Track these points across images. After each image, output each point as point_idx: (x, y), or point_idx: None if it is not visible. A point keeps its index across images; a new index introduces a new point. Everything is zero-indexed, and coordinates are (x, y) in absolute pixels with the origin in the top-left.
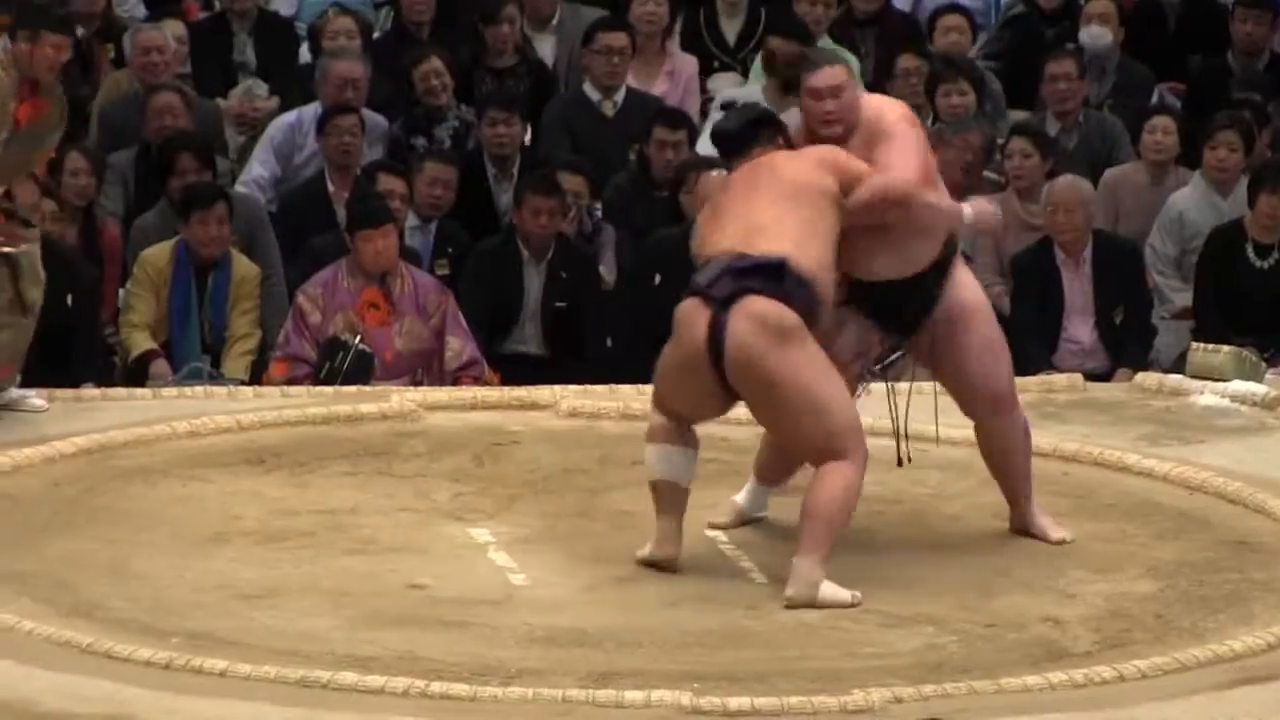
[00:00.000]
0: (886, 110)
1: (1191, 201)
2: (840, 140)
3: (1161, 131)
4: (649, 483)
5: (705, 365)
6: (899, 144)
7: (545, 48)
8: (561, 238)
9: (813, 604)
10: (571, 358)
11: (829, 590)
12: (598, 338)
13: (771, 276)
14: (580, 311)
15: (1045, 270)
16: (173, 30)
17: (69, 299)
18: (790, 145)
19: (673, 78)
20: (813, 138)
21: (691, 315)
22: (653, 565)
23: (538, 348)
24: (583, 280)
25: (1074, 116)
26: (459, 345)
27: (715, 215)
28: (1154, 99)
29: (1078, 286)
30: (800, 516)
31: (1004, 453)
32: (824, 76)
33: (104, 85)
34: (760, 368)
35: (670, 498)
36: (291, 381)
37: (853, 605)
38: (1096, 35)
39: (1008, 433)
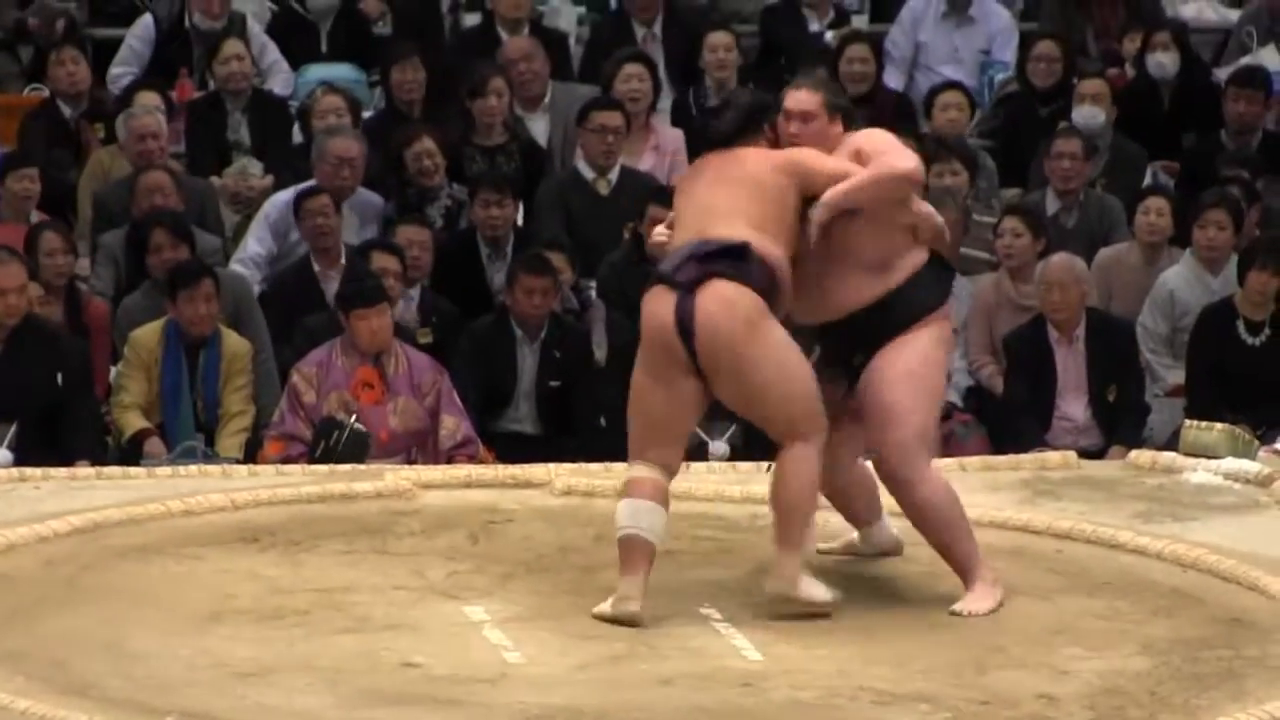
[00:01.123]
0: (874, 134)
1: (1182, 280)
2: None
3: (1155, 213)
4: (618, 539)
5: (675, 348)
6: (889, 143)
7: (538, 127)
8: (555, 317)
9: (791, 598)
10: (564, 435)
11: (807, 586)
12: (590, 415)
13: (735, 259)
14: (574, 390)
15: (1038, 348)
16: (150, 102)
17: (59, 378)
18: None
19: (658, 152)
20: None
21: (657, 302)
22: (614, 622)
23: (532, 426)
24: (576, 359)
25: (1075, 196)
26: (453, 424)
27: (678, 205)
28: (1147, 178)
29: (1071, 364)
30: (772, 510)
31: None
32: (796, 99)
33: (89, 164)
34: (730, 350)
35: (638, 553)
36: (286, 460)
37: (830, 604)
38: (1089, 115)
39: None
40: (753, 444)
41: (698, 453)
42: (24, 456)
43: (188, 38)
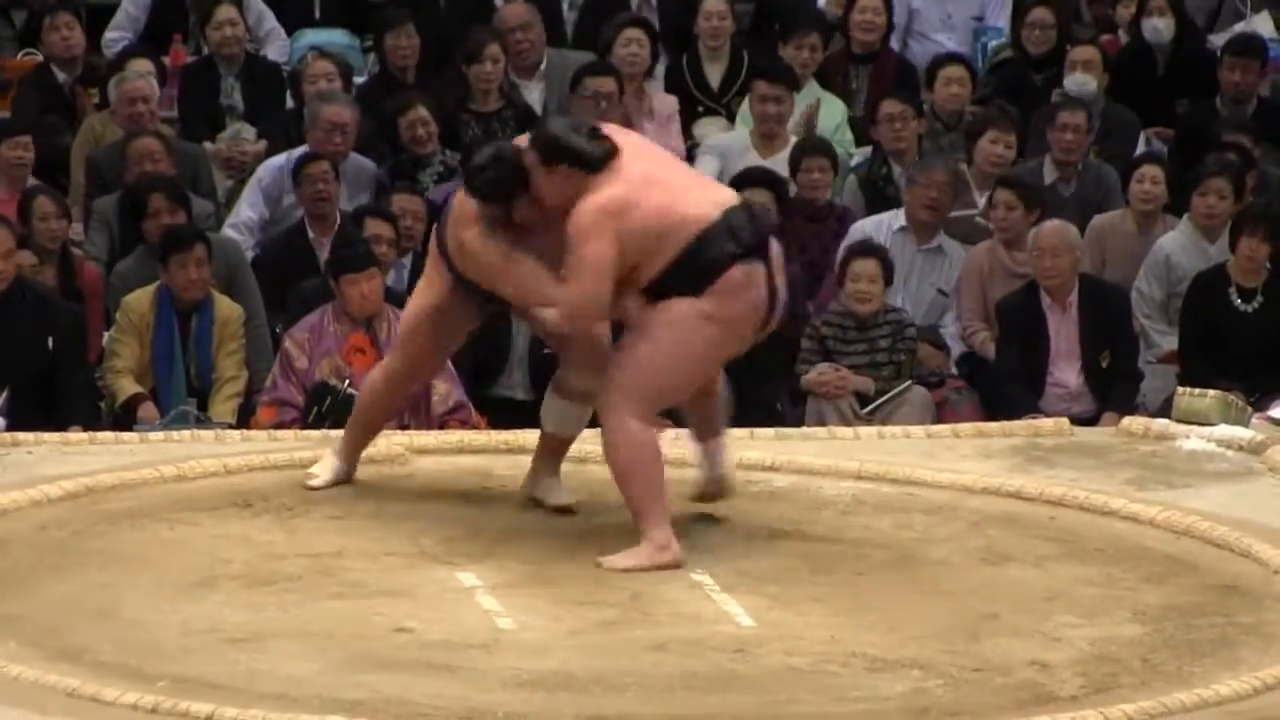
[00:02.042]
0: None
1: (1178, 246)
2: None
3: (1150, 180)
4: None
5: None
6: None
7: (533, 94)
8: None
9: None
10: None
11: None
12: None
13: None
14: None
15: (1031, 315)
16: (142, 68)
17: (50, 342)
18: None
19: (653, 116)
20: None
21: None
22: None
23: (524, 393)
24: None
25: (1074, 166)
26: (445, 389)
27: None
28: (1141, 145)
29: (1064, 331)
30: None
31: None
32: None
33: (82, 129)
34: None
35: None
36: (279, 426)
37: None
38: (1081, 82)
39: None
40: None
41: None
42: (17, 421)
43: (182, 2)
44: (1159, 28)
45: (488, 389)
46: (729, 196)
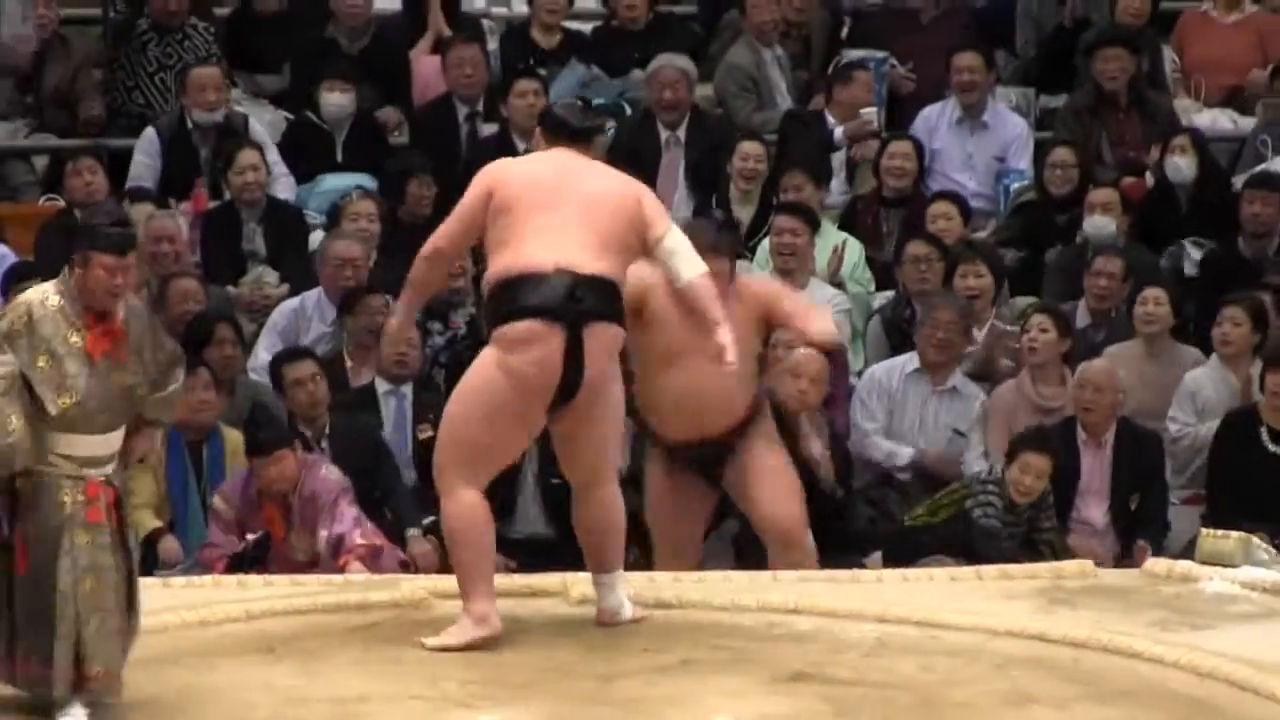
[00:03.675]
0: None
1: (1207, 380)
2: None
3: (1153, 302)
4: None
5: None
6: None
7: None
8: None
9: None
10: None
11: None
12: None
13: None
14: None
15: (1065, 450)
16: (163, 211)
17: None
18: None
19: None
20: None
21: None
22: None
23: (544, 528)
24: None
25: (1108, 315)
26: (327, 533)
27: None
28: (1166, 259)
29: (1097, 468)
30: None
31: None
32: None
33: None
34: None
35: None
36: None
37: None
38: (1100, 225)
39: None
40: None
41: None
42: None
43: (192, 142)
44: (1180, 166)
45: (505, 530)
46: (582, 265)
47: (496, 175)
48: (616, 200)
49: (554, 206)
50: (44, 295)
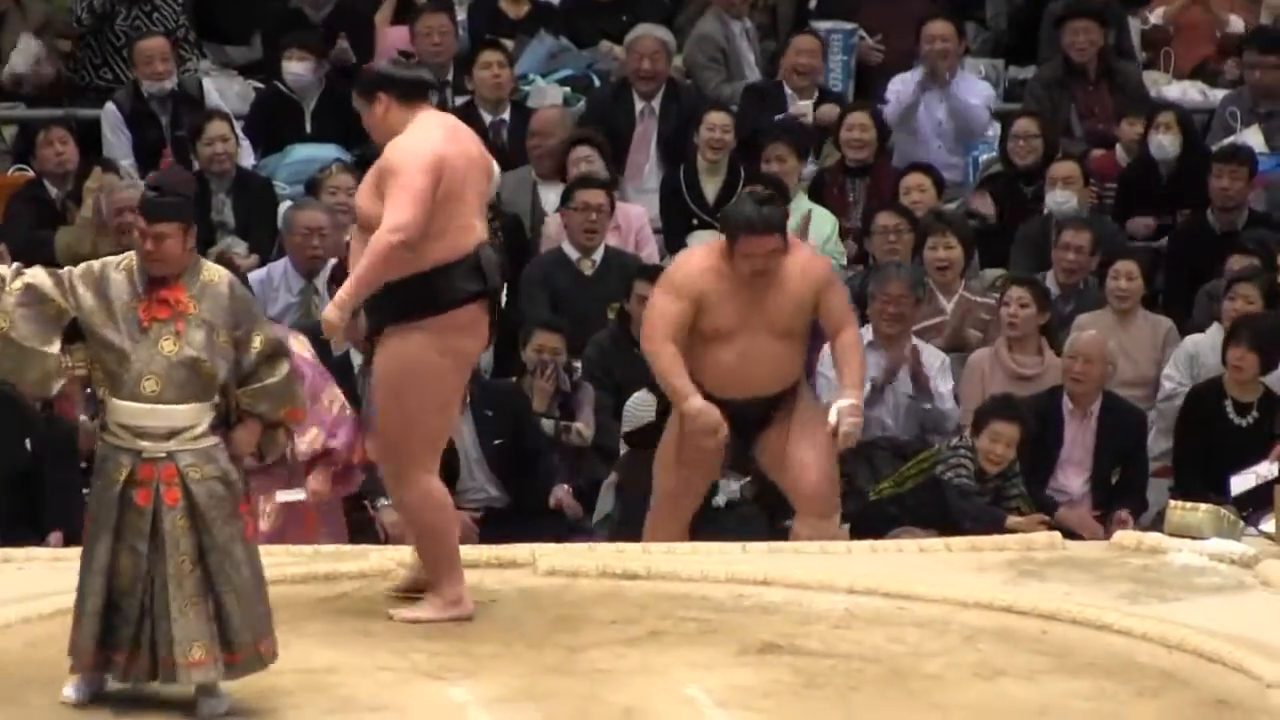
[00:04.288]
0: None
1: (1209, 347)
2: None
3: (1125, 277)
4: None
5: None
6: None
7: (552, 196)
8: (472, 379)
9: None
10: (539, 510)
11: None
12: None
13: None
14: (524, 444)
15: (1049, 417)
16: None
17: (28, 443)
18: None
19: (619, 232)
20: None
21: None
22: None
23: (497, 490)
24: (513, 412)
25: (1075, 286)
26: (314, 434)
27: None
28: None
29: (1080, 439)
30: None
31: None
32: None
33: (59, 245)
34: None
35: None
36: None
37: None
38: (1062, 199)
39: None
40: (764, 493)
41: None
42: (2, 526)
43: (151, 110)
44: (1164, 144)
45: (458, 498)
46: (484, 233)
47: (442, 157)
48: (489, 161)
49: (476, 182)
50: (121, 258)
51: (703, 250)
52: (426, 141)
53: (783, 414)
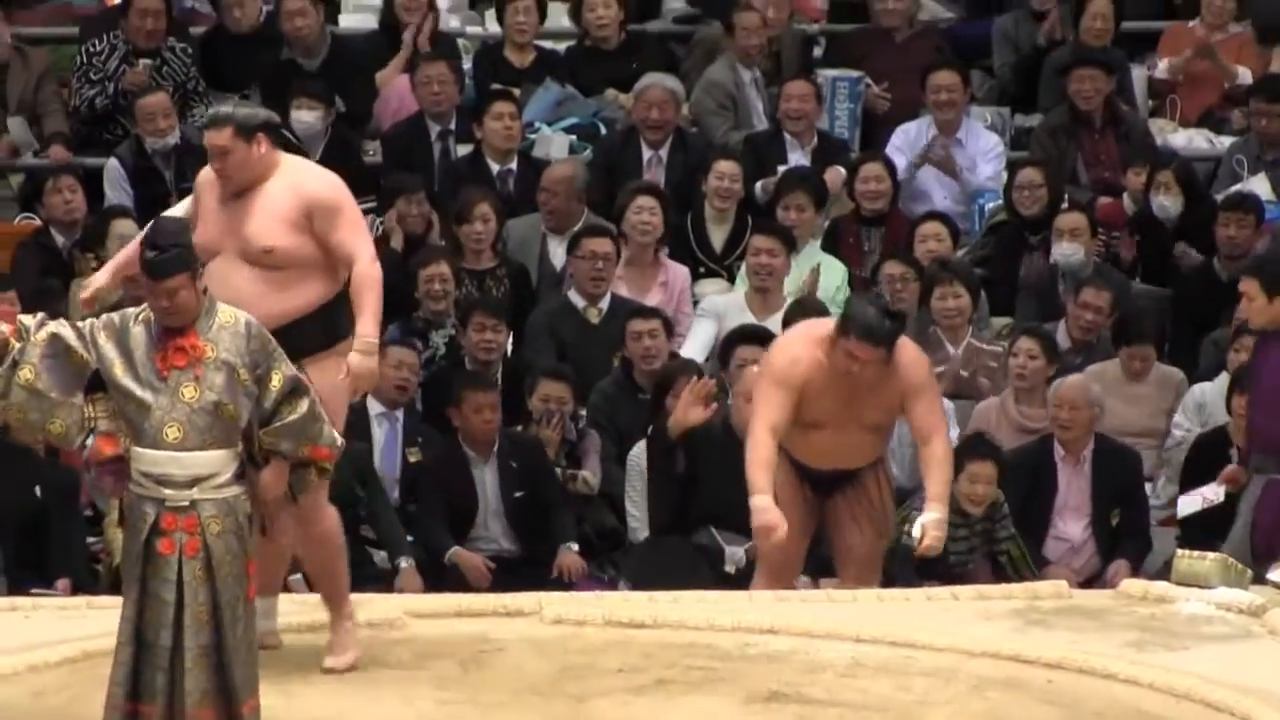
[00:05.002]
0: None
1: (1217, 396)
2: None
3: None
4: None
5: None
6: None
7: (559, 250)
8: (502, 430)
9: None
10: (546, 553)
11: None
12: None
13: None
14: (541, 497)
15: (1042, 466)
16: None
17: (37, 490)
18: None
19: (666, 288)
20: None
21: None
22: None
23: (509, 542)
24: (535, 465)
25: (1089, 344)
26: None
27: None
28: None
29: (1075, 485)
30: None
31: None
32: (209, 138)
33: (71, 294)
34: None
35: None
36: None
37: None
38: (1068, 252)
39: None
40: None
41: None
42: (11, 573)
43: (154, 165)
44: (1166, 205)
45: (470, 545)
46: None
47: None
48: None
49: None
50: (140, 309)
51: (803, 338)
52: (336, 177)
53: (855, 486)
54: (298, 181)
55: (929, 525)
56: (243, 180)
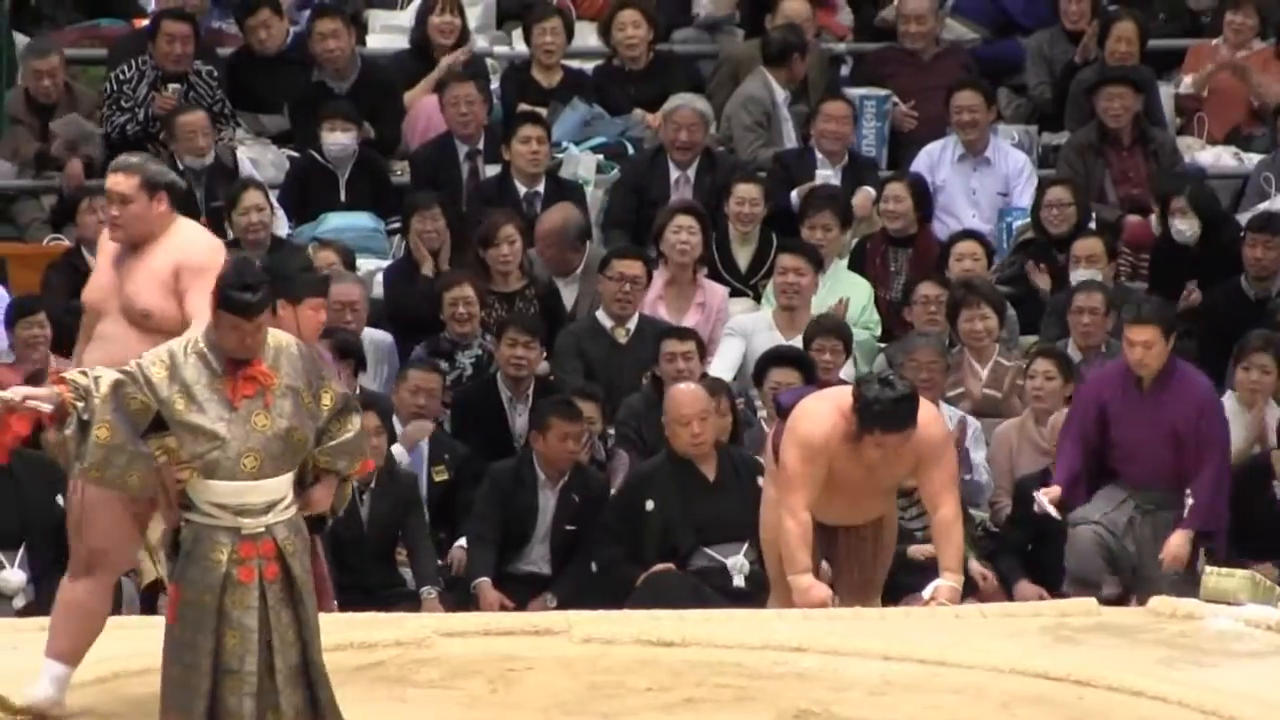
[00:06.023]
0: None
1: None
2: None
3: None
4: None
5: None
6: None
7: (568, 292)
8: (577, 462)
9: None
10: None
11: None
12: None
13: None
14: (589, 526)
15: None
16: None
17: (59, 500)
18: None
19: (704, 309)
20: None
21: None
22: None
23: (545, 567)
24: (592, 504)
25: (1097, 349)
26: None
27: None
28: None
29: None
30: None
31: None
32: (113, 181)
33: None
34: None
35: None
36: None
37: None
38: (1085, 278)
39: None
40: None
41: (720, 575)
42: (39, 579)
43: (187, 184)
44: (1183, 230)
45: (512, 564)
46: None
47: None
48: None
49: None
50: (186, 341)
51: (830, 407)
52: (219, 243)
53: (864, 528)
54: (177, 244)
55: (942, 592)
56: (134, 232)
